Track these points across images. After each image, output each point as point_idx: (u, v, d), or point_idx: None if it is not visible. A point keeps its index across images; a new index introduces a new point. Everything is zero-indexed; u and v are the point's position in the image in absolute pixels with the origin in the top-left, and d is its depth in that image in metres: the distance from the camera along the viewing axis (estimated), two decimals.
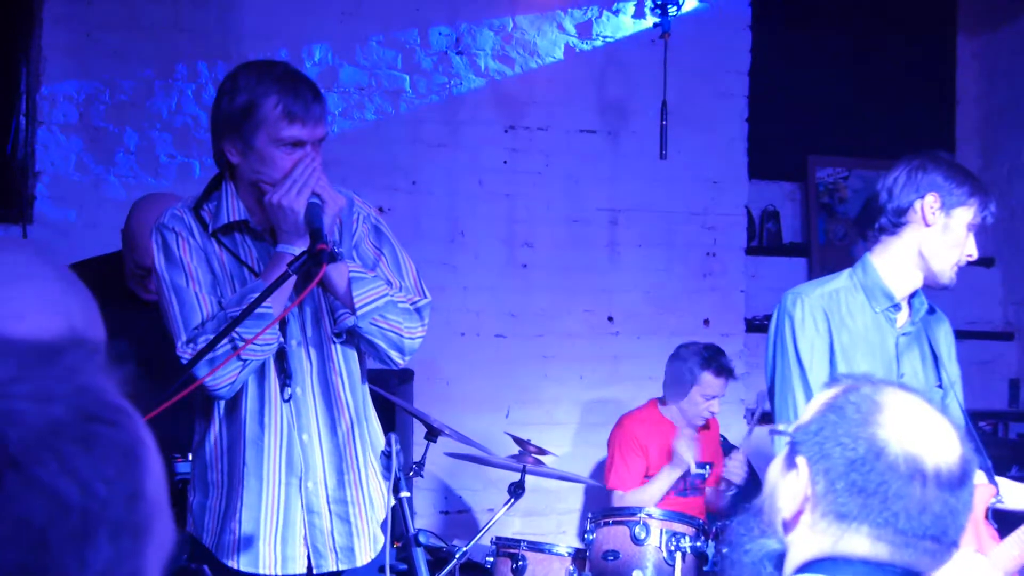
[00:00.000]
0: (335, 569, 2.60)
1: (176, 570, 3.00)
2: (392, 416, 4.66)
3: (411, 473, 3.83)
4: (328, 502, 2.60)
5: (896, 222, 2.87)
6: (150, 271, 3.16)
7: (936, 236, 2.85)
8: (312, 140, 2.49)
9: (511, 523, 4.14)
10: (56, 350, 0.75)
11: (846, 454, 1.46)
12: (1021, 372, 5.92)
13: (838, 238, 5.84)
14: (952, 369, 2.97)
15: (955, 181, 2.84)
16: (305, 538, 2.58)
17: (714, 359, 4.50)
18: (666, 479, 4.39)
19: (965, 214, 2.84)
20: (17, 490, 0.67)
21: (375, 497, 2.67)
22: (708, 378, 4.47)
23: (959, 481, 1.44)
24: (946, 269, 2.87)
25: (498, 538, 4.10)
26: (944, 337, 3.01)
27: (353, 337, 2.58)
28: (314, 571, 2.58)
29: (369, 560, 2.63)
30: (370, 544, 2.65)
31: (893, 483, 1.43)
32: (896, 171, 2.91)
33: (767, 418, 5.46)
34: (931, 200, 2.84)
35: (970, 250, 2.88)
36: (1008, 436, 5.58)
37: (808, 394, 2.78)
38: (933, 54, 6.08)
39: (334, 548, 2.60)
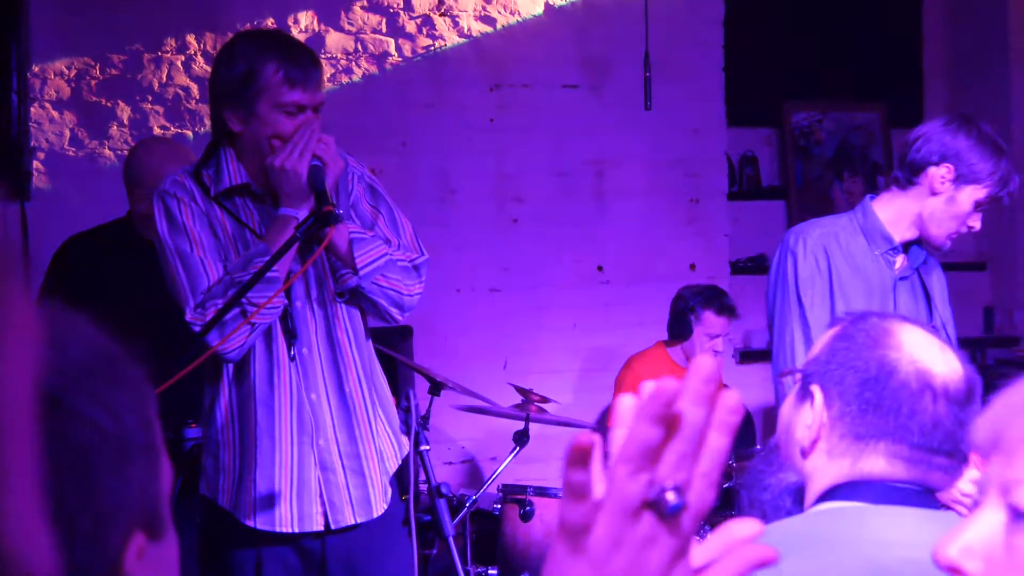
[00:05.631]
0: (353, 522, 2.64)
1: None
2: (395, 372, 4.78)
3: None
4: (341, 457, 2.63)
5: (908, 179, 2.86)
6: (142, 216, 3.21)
7: (939, 205, 2.82)
8: (312, 105, 2.55)
9: (514, 470, 4.28)
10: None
11: (859, 376, 1.51)
12: (995, 300, 6.12)
13: (815, 179, 5.99)
14: (944, 312, 3.01)
15: (977, 156, 2.77)
16: (320, 495, 2.61)
17: (716, 299, 4.66)
18: None
19: (976, 192, 2.79)
20: (62, 423, 0.77)
21: (384, 450, 2.72)
22: (711, 317, 4.63)
23: (966, 397, 1.51)
24: (941, 236, 2.86)
25: (505, 485, 4.22)
26: (937, 282, 3.04)
27: (355, 296, 2.63)
28: (332, 526, 2.62)
29: (382, 511, 2.68)
30: (382, 495, 2.69)
31: (906, 399, 1.48)
32: (929, 125, 2.87)
33: (750, 356, 5.64)
34: (943, 171, 2.80)
35: (973, 223, 2.85)
36: (986, 362, 5.79)
37: (806, 331, 2.81)
38: None
39: (351, 501, 2.63)
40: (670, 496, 0.72)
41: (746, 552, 0.76)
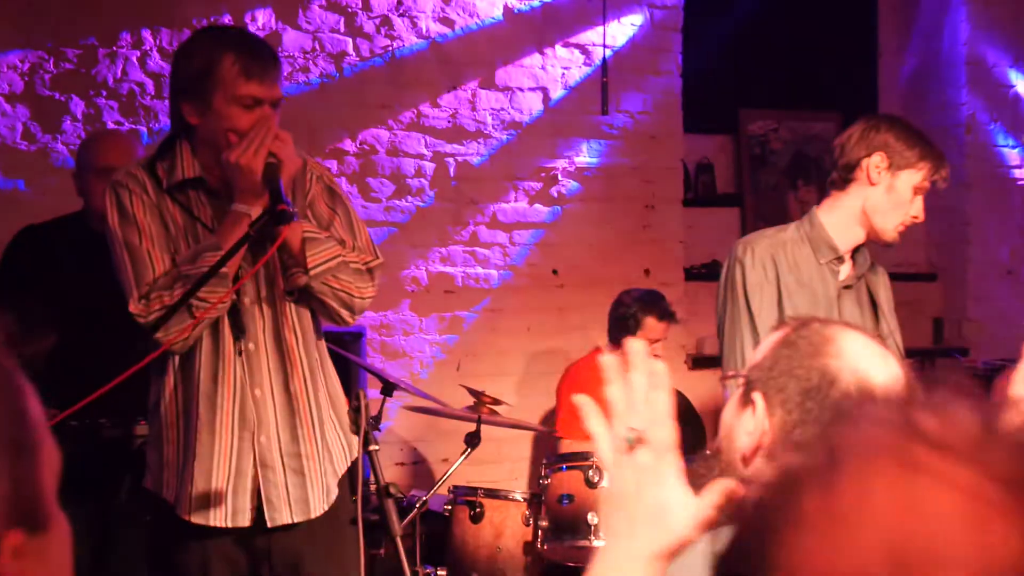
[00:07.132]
0: (290, 521, 2.63)
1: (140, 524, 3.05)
2: (348, 372, 4.76)
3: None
4: (281, 455, 2.62)
5: (845, 178, 2.96)
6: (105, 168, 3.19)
7: (879, 195, 2.92)
8: (270, 99, 2.53)
9: (464, 472, 4.28)
10: None
11: (800, 384, 1.52)
12: (944, 311, 6.20)
13: (769, 188, 6.04)
14: (891, 321, 3.08)
15: (905, 143, 2.91)
16: (257, 492, 2.60)
17: (656, 304, 4.66)
18: None
19: (911, 177, 2.91)
20: None
21: (334, 450, 2.71)
22: (651, 322, 4.63)
23: None
24: (888, 228, 2.95)
25: (456, 487, 4.22)
26: (884, 291, 3.11)
27: (305, 295, 2.62)
28: (268, 524, 2.60)
29: (322, 512, 2.67)
30: (323, 496, 2.68)
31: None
32: (852, 128, 2.98)
33: (703, 362, 5.67)
34: (877, 159, 2.91)
35: (915, 212, 2.95)
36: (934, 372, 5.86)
37: (755, 338, 2.85)
38: (855, 8, 6.27)
39: (288, 500, 2.62)
40: (628, 434, 1.17)
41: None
